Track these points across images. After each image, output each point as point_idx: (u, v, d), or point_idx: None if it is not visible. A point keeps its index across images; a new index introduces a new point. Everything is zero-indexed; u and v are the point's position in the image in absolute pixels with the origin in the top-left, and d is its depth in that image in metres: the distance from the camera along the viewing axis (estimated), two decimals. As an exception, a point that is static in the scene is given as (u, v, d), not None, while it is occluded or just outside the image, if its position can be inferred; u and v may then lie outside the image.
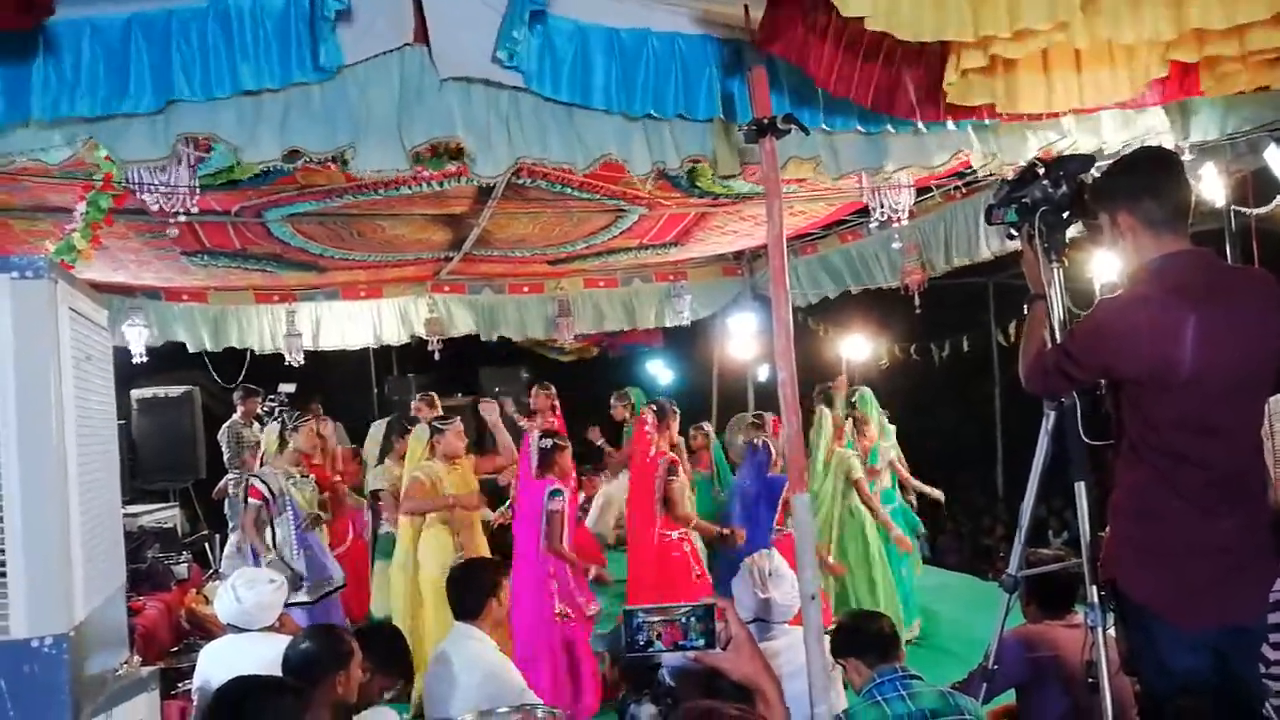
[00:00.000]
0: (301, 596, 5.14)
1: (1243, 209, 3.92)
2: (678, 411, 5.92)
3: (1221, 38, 2.70)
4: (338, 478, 6.46)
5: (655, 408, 5.84)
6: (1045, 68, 2.87)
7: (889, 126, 3.30)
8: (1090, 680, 2.53)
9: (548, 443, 5.29)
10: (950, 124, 3.35)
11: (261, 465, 5.50)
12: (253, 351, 7.77)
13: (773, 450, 5.62)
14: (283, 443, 5.53)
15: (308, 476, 5.56)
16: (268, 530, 5.24)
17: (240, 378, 8.04)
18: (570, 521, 5.42)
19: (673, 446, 5.88)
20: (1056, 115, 3.21)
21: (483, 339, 8.26)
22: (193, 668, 3.83)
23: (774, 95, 2.88)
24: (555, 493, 5.16)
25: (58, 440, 2.40)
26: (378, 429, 5.87)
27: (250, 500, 5.28)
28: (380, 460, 6.18)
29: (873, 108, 2.89)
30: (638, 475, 5.76)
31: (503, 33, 2.80)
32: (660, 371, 13.45)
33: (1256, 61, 2.91)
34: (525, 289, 8.21)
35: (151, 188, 3.14)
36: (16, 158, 2.83)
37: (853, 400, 6.47)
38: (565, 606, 5.09)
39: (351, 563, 6.32)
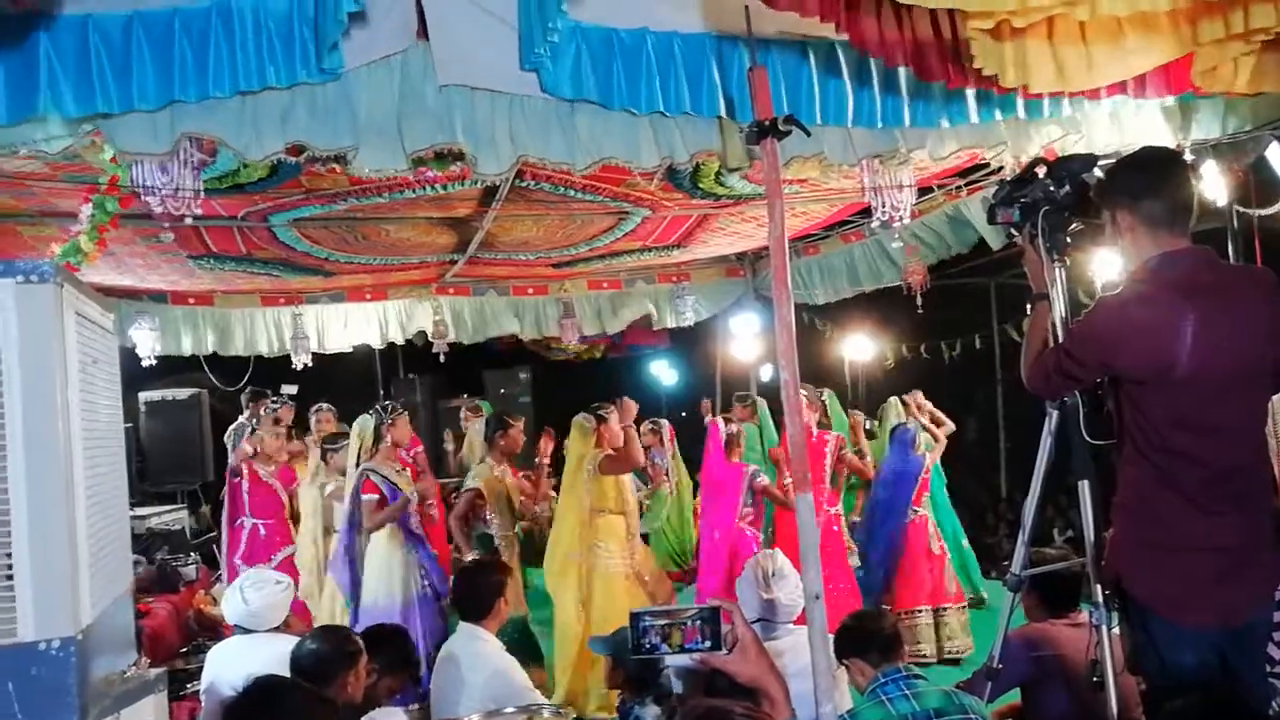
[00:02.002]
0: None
1: (1245, 208, 3.90)
2: (821, 393, 6.47)
3: (1221, 11, 2.69)
4: None
5: (804, 393, 6.06)
6: (1050, 38, 2.87)
7: (880, 122, 3.31)
8: (1095, 679, 2.53)
9: (734, 428, 5.81)
10: (944, 120, 3.36)
11: (359, 461, 5.35)
12: (257, 354, 7.79)
13: (916, 434, 6.11)
14: (378, 437, 5.39)
15: (404, 471, 5.53)
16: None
17: (245, 379, 8.05)
18: None
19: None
20: (1075, 94, 3.19)
21: (484, 340, 8.29)
22: (201, 669, 3.85)
23: (774, 93, 2.89)
24: (757, 473, 5.78)
25: (64, 444, 2.41)
26: (476, 429, 5.80)
27: (365, 496, 5.20)
28: (481, 460, 6.03)
29: (893, 63, 2.88)
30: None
31: (525, 46, 2.80)
32: (664, 372, 13.44)
33: (1258, 60, 2.91)
34: (529, 290, 8.23)
35: (155, 190, 3.16)
36: (19, 148, 2.81)
37: (822, 399, 6.58)
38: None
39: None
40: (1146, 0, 2.55)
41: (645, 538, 7.80)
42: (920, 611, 5.91)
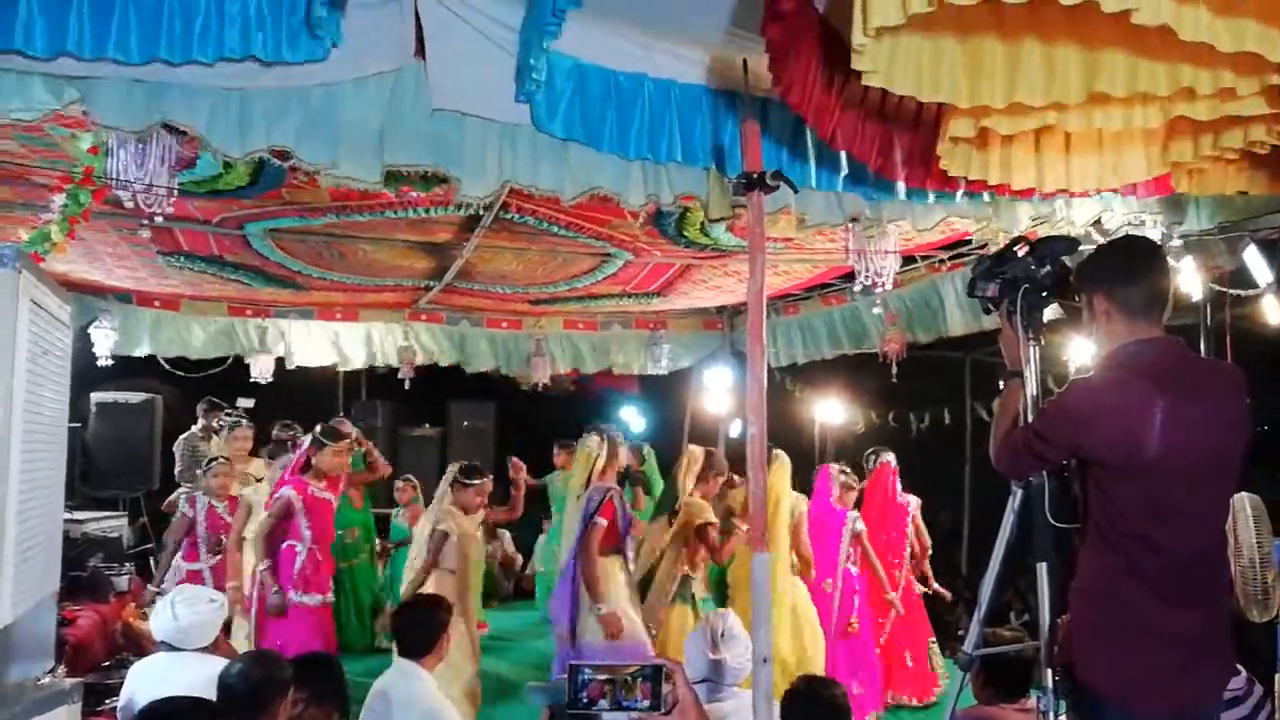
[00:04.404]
0: None
1: (1221, 287, 3.94)
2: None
3: (1209, 131, 2.75)
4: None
5: (887, 458, 6.31)
6: (1037, 149, 2.92)
7: (866, 192, 3.34)
8: (1039, 766, 2.48)
9: (844, 477, 5.87)
10: (930, 196, 3.39)
11: (589, 483, 5.10)
12: (223, 361, 7.64)
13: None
14: (611, 455, 5.13)
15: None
16: None
17: (205, 389, 7.88)
18: None
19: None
20: (1050, 195, 3.24)
21: (461, 368, 8.25)
22: (123, 684, 3.68)
23: (765, 149, 2.90)
24: (858, 519, 5.90)
25: (1, 434, 2.33)
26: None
27: (599, 519, 4.93)
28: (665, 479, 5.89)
29: (874, 169, 2.91)
30: (881, 516, 6.15)
31: (521, 77, 2.79)
32: (633, 418, 13.38)
33: (1237, 164, 2.97)
34: (504, 324, 8.18)
35: (129, 184, 3.08)
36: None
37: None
38: (855, 618, 5.71)
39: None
40: (1139, 116, 2.59)
41: None
42: None
